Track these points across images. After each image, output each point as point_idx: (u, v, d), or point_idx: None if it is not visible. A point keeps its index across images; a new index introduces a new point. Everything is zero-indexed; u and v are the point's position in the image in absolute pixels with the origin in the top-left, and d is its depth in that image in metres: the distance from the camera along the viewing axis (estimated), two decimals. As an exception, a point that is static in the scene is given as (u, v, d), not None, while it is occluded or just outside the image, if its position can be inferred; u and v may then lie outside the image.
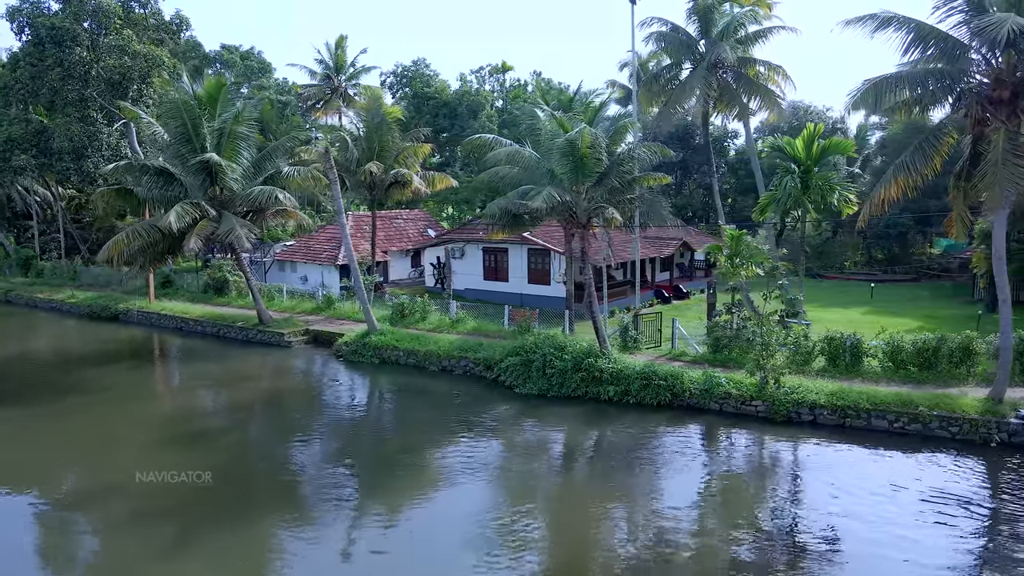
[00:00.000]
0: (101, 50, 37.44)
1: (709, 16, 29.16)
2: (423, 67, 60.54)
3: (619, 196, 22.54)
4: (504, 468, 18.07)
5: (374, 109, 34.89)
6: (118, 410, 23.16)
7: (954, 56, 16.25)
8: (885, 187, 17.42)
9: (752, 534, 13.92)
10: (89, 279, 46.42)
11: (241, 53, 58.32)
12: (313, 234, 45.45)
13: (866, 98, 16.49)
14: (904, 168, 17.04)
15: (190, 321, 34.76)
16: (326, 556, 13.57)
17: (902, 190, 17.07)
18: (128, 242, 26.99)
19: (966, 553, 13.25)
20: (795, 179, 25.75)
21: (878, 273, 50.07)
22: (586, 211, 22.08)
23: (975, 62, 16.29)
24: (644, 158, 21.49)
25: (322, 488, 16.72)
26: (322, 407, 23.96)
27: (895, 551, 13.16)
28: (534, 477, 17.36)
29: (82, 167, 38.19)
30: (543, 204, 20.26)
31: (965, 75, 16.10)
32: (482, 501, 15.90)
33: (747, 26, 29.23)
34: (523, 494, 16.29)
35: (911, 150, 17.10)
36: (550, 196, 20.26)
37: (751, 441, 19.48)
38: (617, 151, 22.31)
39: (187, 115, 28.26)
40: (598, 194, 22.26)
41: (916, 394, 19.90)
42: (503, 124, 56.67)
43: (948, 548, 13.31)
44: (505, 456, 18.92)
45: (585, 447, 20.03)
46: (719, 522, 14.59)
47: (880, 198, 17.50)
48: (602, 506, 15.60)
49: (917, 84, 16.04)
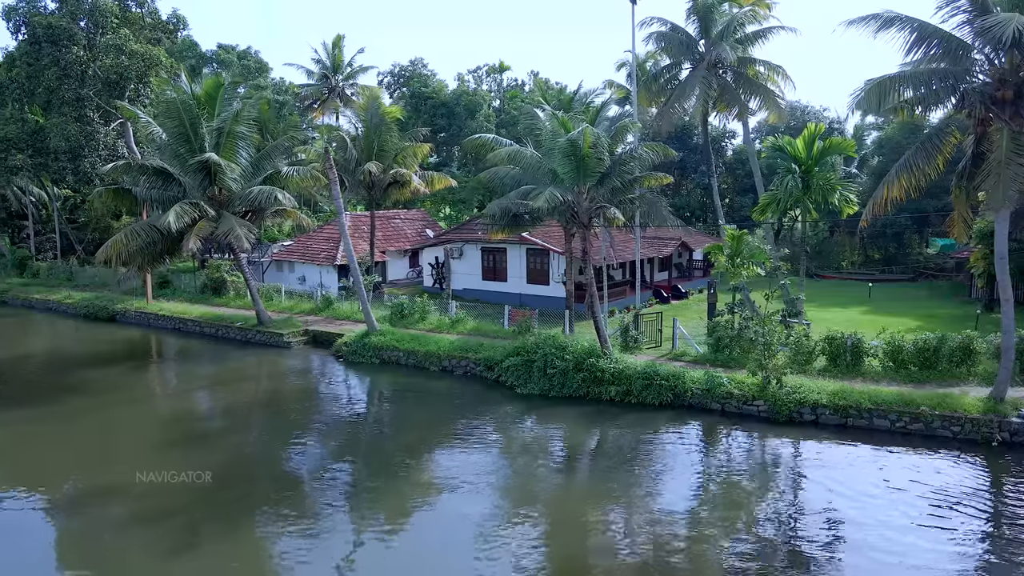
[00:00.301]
0: (98, 49, 37.25)
1: (709, 16, 29.16)
2: (420, 67, 60.47)
3: (620, 196, 22.51)
4: (507, 469, 18.04)
5: (373, 109, 34.78)
6: (121, 411, 23.08)
7: (957, 56, 16.28)
8: (888, 187, 17.44)
9: (753, 536, 13.91)
10: (85, 280, 46.19)
11: (238, 53, 58.13)
12: (310, 234, 45.32)
13: (869, 98, 16.48)
14: (907, 167, 17.06)
15: (188, 322, 34.62)
16: (331, 558, 13.51)
17: (905, 190, 17.08)
18: (127, 242, 26.86)
19: (966, 556, 13.26)
20: (796, 179, 25.77)
21: (875, 273, 50.16)
22: (588, 211, 22.04)
23: (978, 62, 16.31)
24: (646, 158, 21.46)
25: (326, 490, 16.68)
26: (323, 408, 23.88)
27: (896, 553, 13.16)
28: (538, 478, 17.33)
29: (79, 167, 37.98)
30: (545, 204, 20.23)
31: (968, 75, 16.11)
32: (485, 503, 15.84)
33: (746, 26, 29.23)
34: (526, 495, 16.25)
35: (913, 150, 17.13)
36: (552, 196, 20.23)
37: (753, 441, 19.49)
38: (619, 151, 22.27)
39: (186, 115, 28.15)
40: (600, 194, 22.23)
41: (917, 393, 19.93)
42: (500, 124, 56.61)
43: (949, 550, 13.32)
44: (508, 457, 18.89)
45: (588, 447, 20.01)
46: (721, 524, 14.55)
47: (883, 198, 17.51)
48: (604, 507, 15.57)
49: (921, 84, 16.06)
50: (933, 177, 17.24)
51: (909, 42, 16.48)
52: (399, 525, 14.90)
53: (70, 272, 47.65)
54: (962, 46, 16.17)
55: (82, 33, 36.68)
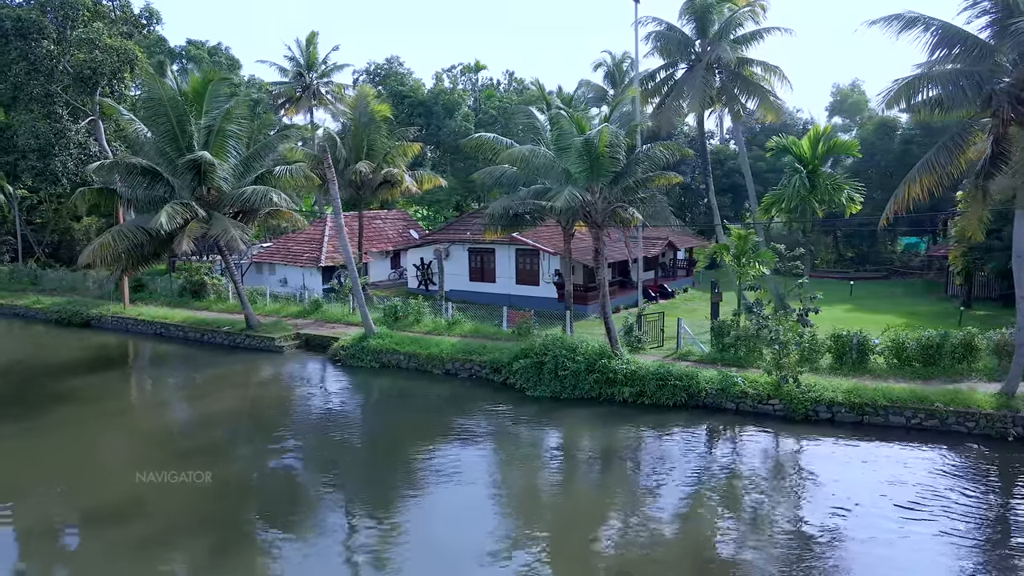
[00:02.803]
0: (70, 43, 35.67)
1: (706, 16, 29.28)
2: (397, 65, 59.63)
3: (632, 195, 22.37)
4: (533, 470, 17.76)
5: (362, 107, 34.07)
6: (116, 423, 22.15)
7: (979, 57, 16.53)
8: (909, 185, 17.64)
9: (787, 538, 13.87)
10: (52, 283, 44.31)
11: (208, 49, 56.49)
12: (289, 235, 44.31)
13: (899, 96, 16.68)
14: (929, 167, 17.28)
15: (171, 326, 33.39)
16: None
17: (927, 188, 17.30)
18: (114, 244, 25.69)
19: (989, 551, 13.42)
20: (803, 178, 26.02)
21: (849, 271, 51.16)
22: (604, 211, 21.83)
23: (1003, 64, 16.56)
24: (660, 157, 21.36)
25: (345, 498, 16.16)
26: (331, 414, 23.19)
27: (917, 550, 13.24)
28: (564, 479, 17.10)
29: (49, 166, 36.29)
30: (564, 204, 19.93)
31: (994, 76, 16.35)
32: (512, 506, 15.53)
33: (744, 25, 29.42)
34: (555, 496, 15.99)
35: (936, 149, 17.38)
36: (572, 196, 19.95)
37: (772, 440, 19.51)
38: (637, 150, 22.13)
39: (173, 112, 27.09)
40: (613, 193, 22.06)
41: (929, 390, 20.22)
42: (479, 124, 56.10)
43: (970, 545, 13.47)
44: (532, 459, 18.61)
45: (615, 450, 19.69)
46: (749, 526, 14.49)
47: (904, 196, 17.72)
48: (630, 508, 15.39)
49: (949, 83, 16.27)
50: (955, 176, 17.50)
51: (932, 43, 16.72)
52: (421, 530, 14.45)
53: (34, 276, 45.64)
54: (986, 48, 16.44)
55: (52, 26, 35.06)
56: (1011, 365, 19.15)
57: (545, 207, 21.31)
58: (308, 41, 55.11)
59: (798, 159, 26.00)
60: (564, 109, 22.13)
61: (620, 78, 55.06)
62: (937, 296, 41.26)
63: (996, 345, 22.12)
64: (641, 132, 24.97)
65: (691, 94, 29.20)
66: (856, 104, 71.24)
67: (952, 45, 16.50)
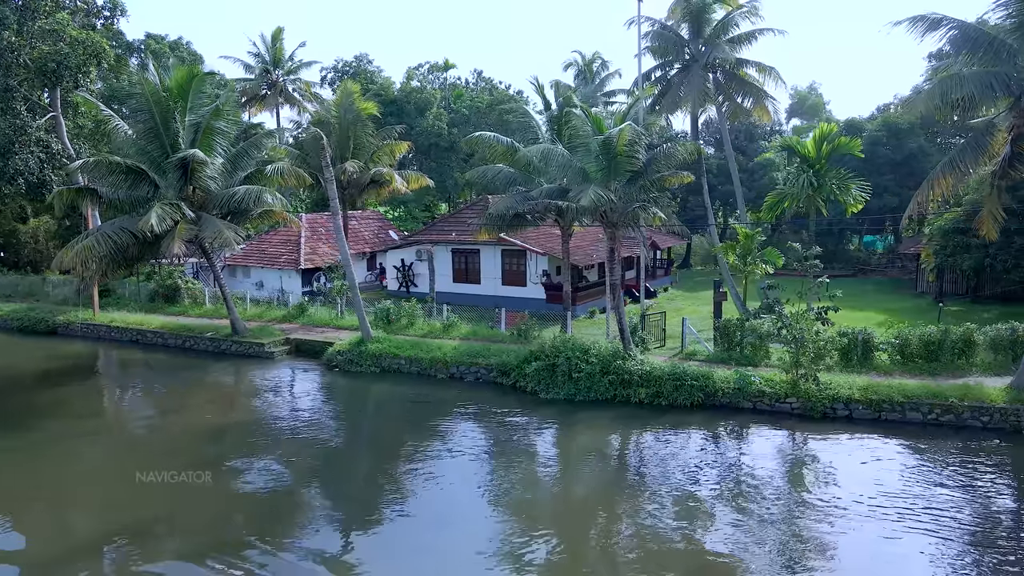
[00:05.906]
0: (32, 35, 33.70)
1: (702, 16, 29.42)
2: (366, 63, 58.45)
3: (647, 194, 22.23)
4: (571, 482, 17.39)
5: (347, 104, 33.15)
6: (109, 438, 20.91)
7: (1002, 58, 16.87)
8: (932, 184, 17.91)
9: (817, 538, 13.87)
10: (6, 289, 41.97)
11: (169, 43, 54.35)
12: (263, 236, 42.92)
13: (932, 95, 16.93)
14: (952, 166, 17.59)
15: (148, 333, 31.84)
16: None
17: (951, 187, 17.60)
18: (98, 247, 24.27)
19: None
20: (810, 177, 26.34)
21: (817, 269, 52.16)
22: (623, 211, 21.59)
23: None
24: (678, 156, 21.26)
25: (374, 504, 15.52)
26: (342, 422, 22.40)
27: (942, 545, 13.39)
28: (596, 483, 16.76)
29: (9, 165, 34.20)
30: (590, 203, 19.59)
31: (1020, 76, 16.72)
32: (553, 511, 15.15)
33: (739, 26, 29.67)
34: (592, 500, 15.66)
35: (960, 148, 17.73)
36: (597, 195, 19.63)
37: (794, 439, 19.50)
38: (655, 149, 21.99)
39: (157, 108, 25.77)
40: (629, 193, 21.87)
41: (944, 385, 20.59)
42: (451, 123, 55.43)
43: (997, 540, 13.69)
44: (561, 463, 18.25)
45: (639, 452, 19.49)
46: (779, 527, 14.43)
47: (927, 196, 18.00)
48: (674, 511, 15.19)
49: (979, 84, 16.54)
50: (976, 175, 17.85)
51: (957, 44, 17.00)
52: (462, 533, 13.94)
53: (-15, 281, 43.14)
54: (1012, 50, 16.79)
55: (13, 16, 33.03)
56: (1022, 360, 19.58)
57: (563, 207, 20.94)
58: (274, 37, 53.68)
59: (804, 159, 26.34)
60: (582, 108, 21.79)
61: (591, 78, 55.13)
62: (908, 293, 42.41)
63: (992, 340, 22.78)
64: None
65: (686, 94, 29.30)
66: (814, 106, 73.11)
67: (976, 47, 16.80)
